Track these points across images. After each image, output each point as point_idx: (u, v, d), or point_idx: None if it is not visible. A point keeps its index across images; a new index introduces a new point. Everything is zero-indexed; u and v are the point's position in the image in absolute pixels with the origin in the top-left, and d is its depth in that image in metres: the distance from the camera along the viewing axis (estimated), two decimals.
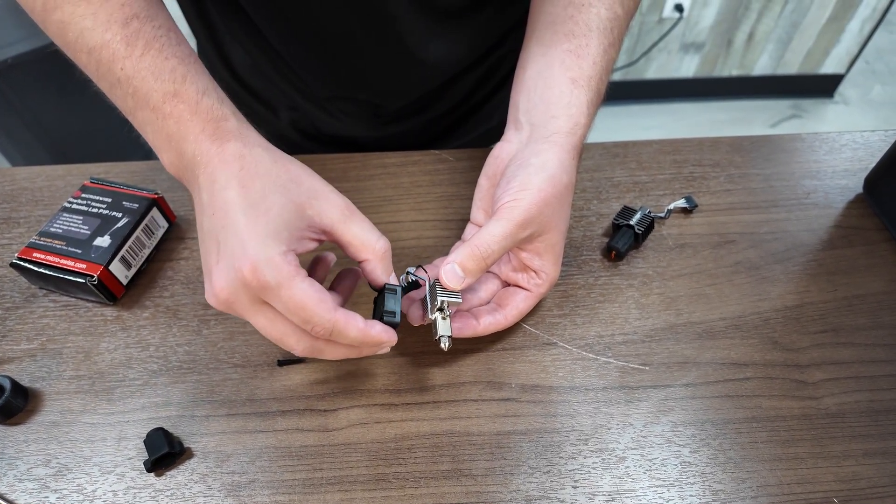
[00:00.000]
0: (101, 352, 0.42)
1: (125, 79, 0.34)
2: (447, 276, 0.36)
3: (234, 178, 0.33)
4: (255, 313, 0.33)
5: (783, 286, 0.46)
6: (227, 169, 0.33)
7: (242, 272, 0.31)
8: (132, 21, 0.35)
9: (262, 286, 0.31)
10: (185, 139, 0.34)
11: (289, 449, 0.38)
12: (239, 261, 0.31)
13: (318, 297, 0.32)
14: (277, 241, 0.32)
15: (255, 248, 0.31)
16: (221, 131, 0.35)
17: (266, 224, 0.32)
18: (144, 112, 0.35)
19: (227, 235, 0.32)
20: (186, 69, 0.35)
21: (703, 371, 0.41)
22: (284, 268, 0.31)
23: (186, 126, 0.34)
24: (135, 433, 0.39)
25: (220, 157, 0.34)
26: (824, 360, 0.42)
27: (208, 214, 0.33)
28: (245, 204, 0.32)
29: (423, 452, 0.37)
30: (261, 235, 0.32)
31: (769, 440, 0.38)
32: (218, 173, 0.34)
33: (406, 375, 0.41)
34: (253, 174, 0.33)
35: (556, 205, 0.38)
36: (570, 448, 0.38)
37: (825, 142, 0.57)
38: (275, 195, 0.33)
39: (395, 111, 0.60)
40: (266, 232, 0.32)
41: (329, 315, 0.32)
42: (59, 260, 0.43)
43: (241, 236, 0.32)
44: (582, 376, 0.41)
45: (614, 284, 0.46)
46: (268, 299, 0.32)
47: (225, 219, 0.32)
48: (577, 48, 0.41)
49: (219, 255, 0.32)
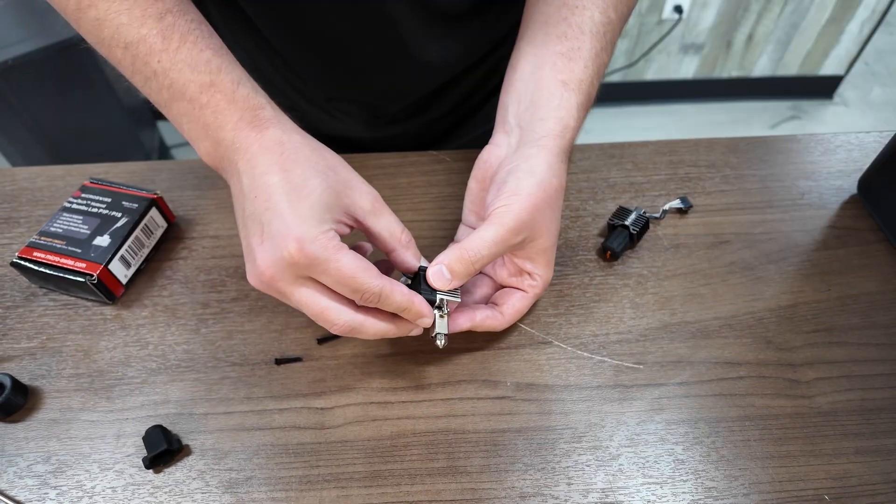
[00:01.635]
0: (101, 350, 0.43)
1: (161, 72, 0.36)
2: (434, 276, 0.37)
3: (276, 164, 0.35)
4: (297, 290, 0.35)
5: (777, 286, 0.46)
6: (267, 155, 0.35)
7: (289, 250, 0.33)
8: (166, 15, 0.36)
9: (311, 262, 0.33)
10: (223, 128, 0.36)
11: (286, 446, 0.38)
12: (285, 240, 0.33)
13: (366, 265, 0.35)
14: (320, 221, 0.34)
15: (301, 227, 0.33)
16: (259, 119, 0.36)
17: (309, 206, 0.34)
18: (181, 104, 0.36)
19: (271, 217, 0.34)
20: (221, 60, 0.36)
21: (696, 370, 0.42)
22: (331, 243, 0.34)
23: (224, 115, 0.36)
24: (133, 430, 0.39)
25: (259, 144, 0.35)
26: (817, 359, 0.42)
27: (250, 198, 0.35)
28: (288, 188, 0.34)
29: (418, 450, 0.38)
30: (304, 216, 0.33)
31: (762, 438, 0.38)
32: (258, 159, 0.35)
33: (402, 374, 0.41)
34: (293, 160, 0.35)
35: (547, 210, 0.38)
36: (565, 446, 0.38)
37: (820, 143, 0.57)
38: (315, 179, 0.35)
39: (394, 112, 0.61)
40: (310, 213, 0.34)
41: (378, 281, 0.34)
42: (59, 259, 0.44)
43: (285, 217, 0.33)
44: (576, 375, 0.41)
45: (609, 284, 0.46)
46: (314, 274, 0.34)
47: (268, 202, 0.34)
48: (570, 51, 0.41)
49: (263, 235, 0.34)
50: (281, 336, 0.43)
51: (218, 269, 0.47)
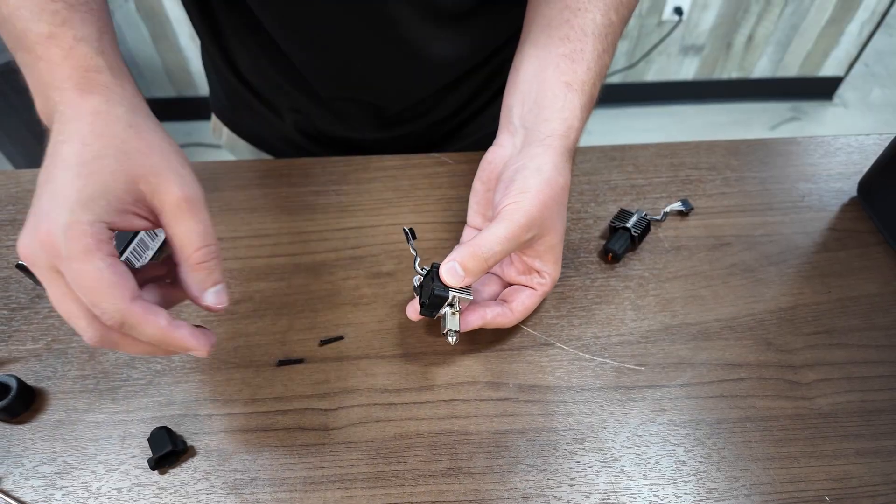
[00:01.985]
0: (106, 352, 0.43)
1: (8, 16, 0.33)
2: (447, 273, 0.37)
3: (78, 134, 0.31)
4: (48, 281, 0.30)
5: (778, 288, 0.47)
6: (76, 123, 0.31)
7: (40, 233, 0.29)
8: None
9: (55, 253, 0.29)
10: (52, 84, 0.32)
11: (290, 447, 0.38)
12: (41, 220, 0.29)
13: (113, 280, 0.29)
14: (87, 209, 0.29)
15: (59, 210, 0.29)
16: (88, 82, 0.32)
17: (83, 188, 0.29)
18: (22, 53, 0.34)
19: (43, 191, 0.30)
20: (70, 14, 0.33)
21: (697, 371, 0.42)
22: (81, 239, 0.28)
23: (55, 71, 0.32)
24: (139, 432, 0.39)
25: (75, 109, 0.32)
26: (817, 360, 0.42)
27: (43, 167, 0.31)
28: (74, 162, 0.30)
29: (422, 451, 0.38)
30: (71, 199, 0.29)
31: (762, 439, 0.39)
32: (67, 125, 0.31)
33: (405, 375, 0.42)
34: (98, 133, 0.31)
35: (554, 207, 0.39)
36: (567, 447, 0.38)
37: (820, 145, 0.58)
38: (108, 159, 0.30)
39: (398, 113, 0.61)
40: (79, 196, 0.29)
41: (121, 304, 0.29)
42: None
43: (54, 194, 0.30)
44: (578, 376, 0.42)
45: (611, 286, 0.47)
46: (61, 269, 0.29)
47: (49, 173, 0.31)
48: (573, 52, 0.42)
49: (32, 212, 0.30)
50: (284, 337, 0.44)
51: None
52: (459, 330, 0.39)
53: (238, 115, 0.67)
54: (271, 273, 0.47)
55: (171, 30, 1.75)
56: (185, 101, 1.94)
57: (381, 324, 0.44)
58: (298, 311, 0.45)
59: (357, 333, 0.44)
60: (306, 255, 0.49)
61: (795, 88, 2.10)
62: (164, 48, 1.81)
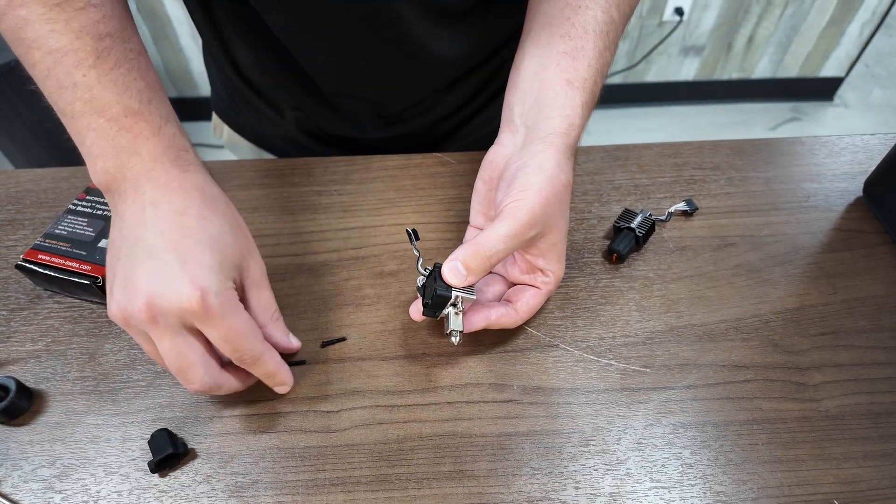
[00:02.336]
0: (106, 353, 0.43)
1: (85, 85, 0.35)
2: (449, 272, 0.37)
3: (194, 208, 0.35)
4: (175, 336, 0.34)
5: (783, 289, 0.46)
6: (184, 196, 0.36)
7: (189, 296, 0.33)
8: (106, 38, 0.35)
9: (207, 313, 0.33)
10: (139, 154, 0.35)
11: (292, 450, 0.38)
12: (188, 286, 0.33)
13: (253, 328, 0.36)
14: (227, 277, 0.35)
15: (209, 277, 0.34)
16: (182, 160, 0.37)
17: (222, 260, 0.35)
18: (95, 119, 0.35)
19: (178, 258, 0.34)
20: (153, 94, 0.37)
21: (703, 373, 0.41)
22: (232, 300, 0.35)
23: (145, 144, 0.35)
24: (139, 434, 0.39)
25: (179, 183, 0.36)
26: (824, 362, 0.42)
27: (154, 231, 0.34)
28: (204, 236, 0.35)
29: (425, 454, 0.38)
30: (216, 269, 0.34)
31: (770, 442, 0.38)
32: (175, 196, 0.35)
33: (408, 377, 0.41)
34: (211, 210, 0.36)
35: (557, 204, 0.39)
36: (572, 449, 0.38)
37: (825, 145, 0.57)
38: (229, 236, 0.36)
39: (400, 111, 0.60)
40: (221, 266, 0.35)
41: (260, 346, 0.36)
42: (63, 262, 0.43)
43: (197, 264, 0.34)
44: (583, 378, 0.41)
45: (615, 287, 0.46)
46: (203, 325, 0.34)
47: (179, 243, 0.34)
48: (573, 50, 0.41)
49: (161, 272, 0.33)
50: None
51: None
52: (463, 330, 0.38)
53: (239, 114, 0.67)
54: (273, 273, 0.46)
55: (171, 30, 1.75)
56: (185, 101, 1.93)
57: (384, 325, 0.44)
58: (300, 311, 0.45)
59: (359, 334, 0.43)
60: (308, 255, 0.48)
61: (796, 89, 2.10)
62: (165, 48, 1.80)
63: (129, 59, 0.36)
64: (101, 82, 0.35)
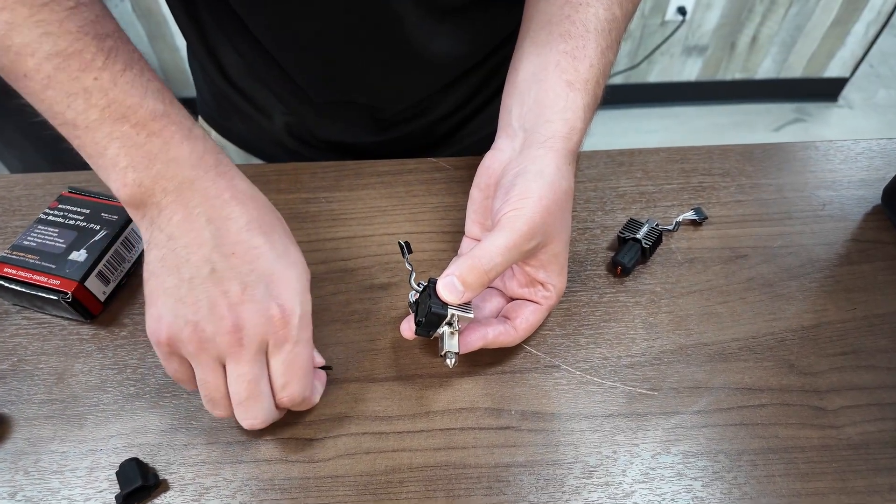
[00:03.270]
0: (76, 373, 0.40)
1: (99, 89, 0.31)
2: (445, 288, 0.34)
3: (256, 223, 0.34)
4: (251, 363, 0.33)
5: (799, 304, 0.44)
6: (245, 210, 0.34)
7: (275, 319, 0.32)
8: (107, 39, 0.32)
9: (286, 336, 0.33)
10: (176, 161, 0.32)
11: (272, 481, 0.35)
12: (273, 309, 0.32)
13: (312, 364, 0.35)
14: (306, 298, 0.34)
15: (294, 299, 0.33)
16: (223, 165, 0.34)
17: (298, 278, 0.34)
18: (119, 127, 0.31)
19: (259, 279, 0.33)
20: (172, 95, 0.34)
21: (715, 397, 0.39)
22: (308, 328, 0.34)
23: (178, 149, 0.32)
24: (108, 463, 0.36)
25: (231, 193, 0.34)
26: (844, 384, 0.39)
27: (221, 251, 0.33)
28: (274, 254, 0.34)
29: (415, 486, 0.35)
30: (296, 289, 0.34)
31: (787, 473, 0.35)
32: (232, 209, 0.33)
33: (398, 400, 0.38)
34: (270, 224, 0.35)
35: (558, 213, 0.36)
36: (574, 482, 0.35)
37: (840, 150, 0.55)
38: (293, 248, 0.35)
39: (395, 114, 0.58)
40: (299, 286, 0.34)
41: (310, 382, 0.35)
42: (31, 276, 0.41)
43: (283, 285, 0.33)
44: (586, 402, 0.38)
45: (620, 302, 0.44)
46: (278, 348, 0.33)
47: (254, 263, 0.33)
48: (574, 49, 0.39)
49: (244, 295, 0.32)
50: None
51: None
52: (459, 352, 0.35)
53: (226, 119, 0.64)
54: None
55: (167, 29, 1.72)
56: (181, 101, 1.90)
57: (373, 343, 0.41)
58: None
59: (347, 353, 0.41)
60: None
61: (800, 89, 2.07)
62: (161, 48, 1.78)
63: (136, 60, 0.33)
64: (118, 85, 0.31)
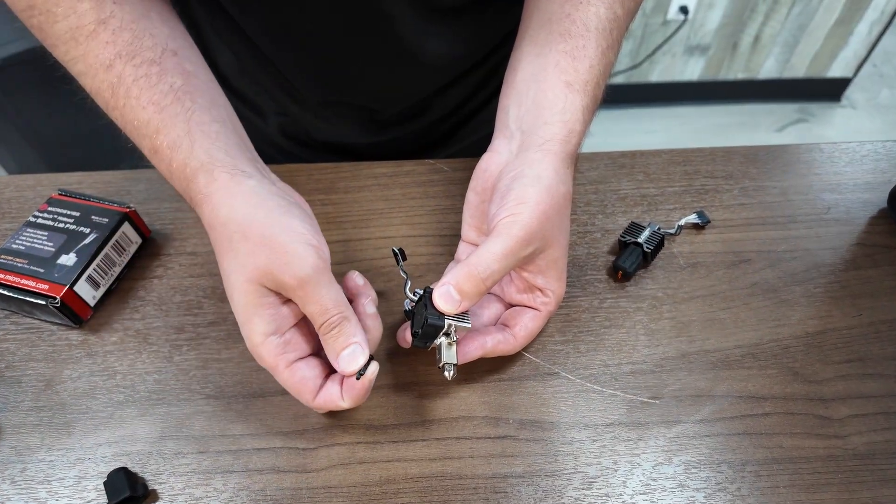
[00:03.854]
0: (64, 380, 0.39)
1: (121, 127, 0.36)
2: (441, 298, 0.33)
3: (216, 251, 0.35)
4: None
5: (804, 310, 0.43)
6: (211, 238, 0.35)
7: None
8: (115, 63, 0.34)
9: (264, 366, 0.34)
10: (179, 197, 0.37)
11: (263, 491, 0.34)
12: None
13: (297, 388, 0.33)
14: (257, 332, 0.33)
15: (243, 332, 0.34)
16: (195, 195, 0.35)
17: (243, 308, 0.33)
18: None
19: None
20: (161, 118, 0.34)
21: (718, 405, 0.38)
22: (266, 359, 0.33)
23: (174, 185, 0.36)
24: (96, 472, 0.35)
25: (204, 222, 0.35)
26: (850, 393, 0.38)
27: None
28: (226, 286, 0.34)
29: (410, 497, 0.34)
30: (243, 320, 0.33)
31: (792, 484, 0.35)
32: (213, 242, 0.35)
33: (393, 409, 0.37)
34: (223, 249, 0.34)
35: (556, 218, 0.35)
36: (574, 493, 0.34)
37: (845, 152, 0.54)
38: (236, 274, 0.33)
39: (391, 115, 0.57)
40: (242, 317, 0.33)
41: (309, 402, 0.34)
42: (19, 280, 0.40)
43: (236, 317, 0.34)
44: (586, 411, 0.37)
45: (621, 308, 0.43)
46: None
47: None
48: (574, 49, 0.38)
49: None
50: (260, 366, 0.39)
51: (195, 289, 0.44)
52: (457, 363, 0.34)
53: None
54: None
55: None
56: None
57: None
58: None
59: None
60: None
61: (803, 89, 2.06)
62: None
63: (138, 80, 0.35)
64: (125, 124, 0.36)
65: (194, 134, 0.35)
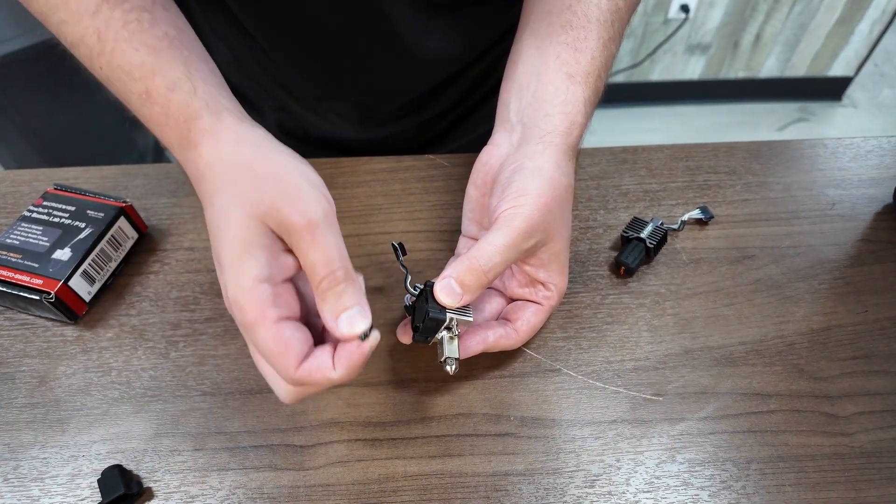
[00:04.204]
0: (59, 376, 0.39)
1: (105, 79, 0.33)
2: (442, 291, 0.32)
3: (206, 194, 0.31)
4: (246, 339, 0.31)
5: (808, 307, 0.42)
6: (200, 183, 0.32)
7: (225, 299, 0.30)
8: (101, 8, 0.31)
9: (239, 323, 0.29)
10: (169, 146, 0.33)
11: (261, 490, 0.34)
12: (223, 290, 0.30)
13: (279, 350, 0.28)
14: (247, 269, 0.28)
15: (227, 278, 0.29)
16: (193, 136, 0.32)
17: (229, 244, 0.29)
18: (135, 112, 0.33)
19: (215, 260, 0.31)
20: (156, 60, 0.32)
21: (722, 402, 0.37)
22: (252, 306, 0.28)
23: (164, 132, 0.32)
24: (90, 470, 0.35)
25: (195, 168, 0.32)
26: (856, 390, 0.38)
27: None
28: (212, 226, 0.30)
29: (410, 495, 0.33)
30: (227, 262, 0.29)
31: (797, 483, 0.34)
32: (197, 186, 0.32)
33: (392, 406, 0.37)
34: (217, 188, 0.31)
35: (558, 210, 0.35)
36: (576, 491, 0.34)
37: (849, 148, 0.53)
38: (233, 205, 0.29)
39: (389, 112, 0.57)
40: (232, 257, 0.29)
41: (290, 372, 0.28)
42: (13, 275, 0.39)
43: (220, 261, 0.30)
44: (588, 408, 0.37)
45: (624, 304, 0.42)
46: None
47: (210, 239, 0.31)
48: (575, 41, 0.37)
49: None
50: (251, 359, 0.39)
51: (191, 284, 0.43)
52: (459, 357, 0.34)
53: None
54: None
55: None
56: None
57: None
58: None
59: None
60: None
61: (804, 89, 2.06)
62: None
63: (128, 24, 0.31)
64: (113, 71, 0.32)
65: (195, 79, 0.32)
